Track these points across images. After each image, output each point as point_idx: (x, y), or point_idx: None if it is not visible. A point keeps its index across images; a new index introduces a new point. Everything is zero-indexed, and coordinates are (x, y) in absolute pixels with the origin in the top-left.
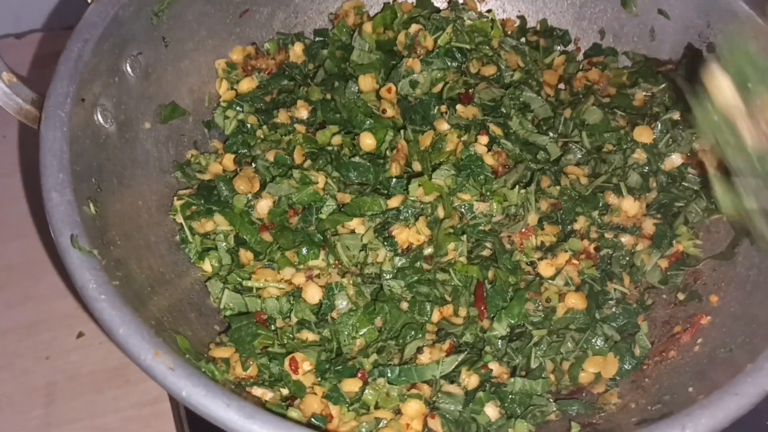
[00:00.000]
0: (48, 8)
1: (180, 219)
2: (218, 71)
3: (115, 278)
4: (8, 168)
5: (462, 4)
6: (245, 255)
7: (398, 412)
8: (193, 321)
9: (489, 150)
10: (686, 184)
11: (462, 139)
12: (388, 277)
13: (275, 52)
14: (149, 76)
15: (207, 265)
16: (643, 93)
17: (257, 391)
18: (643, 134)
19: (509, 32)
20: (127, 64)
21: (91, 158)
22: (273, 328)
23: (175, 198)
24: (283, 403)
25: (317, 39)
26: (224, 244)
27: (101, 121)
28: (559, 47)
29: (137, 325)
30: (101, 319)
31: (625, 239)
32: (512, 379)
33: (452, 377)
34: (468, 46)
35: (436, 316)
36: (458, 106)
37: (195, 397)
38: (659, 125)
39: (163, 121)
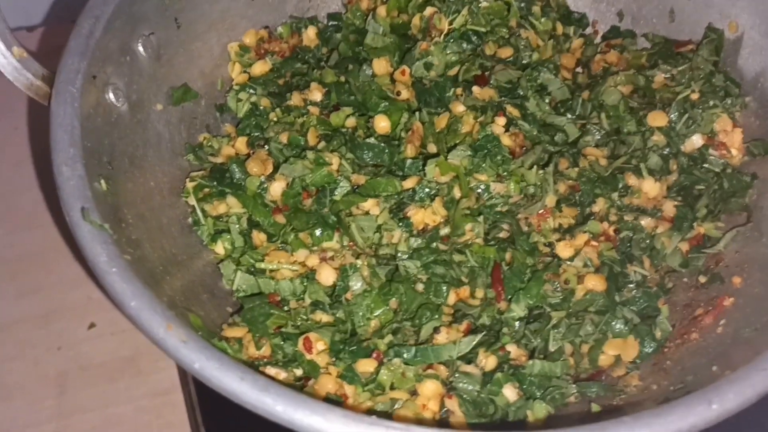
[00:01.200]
0: (55, 2)
1: (192, 201)
2: (231, 54)
3: (127, 254)
4: (20, 158)
5: None
6: (258, 237)
7: (414, 392)
8: (205, 302)
9: (506, 131)
10: (707, 166)
11: (478, 120)
12: (404, 257)
13: (288, 35)
14: (161, 57)
15: (219, 248)
16: (663, 75)
17: (271, 371)
18: (657, 118)
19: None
20: (139, 44)
21: (102, 136)
22: (286, 309)
23: (188, 180)
24: (297, 383)
25: (330, 23)
26: (237, 226)
27: (113, 100)
28: (578, 31)
29: (149, 298)
30: (112, 293)
31: (645, 222)
32: (531, 362)
33: (469, 358)
34: (483, 29)
35: (452, 298)
36: (474, 88)
37: (208, 370)
38: (674, 106)
39: (174, 103)
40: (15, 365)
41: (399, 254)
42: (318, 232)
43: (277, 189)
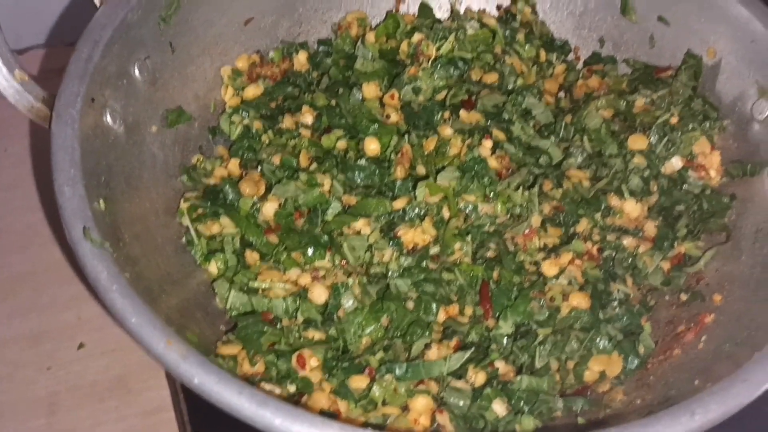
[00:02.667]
0: (48, 25)
1: (186, 221)
2: (224, 78)
3: (126, 271)
4: (11, 181)
5: (463, 14)
6: (251, 256)
7: (406, 408)
8: (199, 320)
9: (493, 154)
10: (687, 187)
11: (466, 143)
12: (394, 276)
13: (280, 60)
14: (156, 80)
15: (213, 267)
16: (643, 99)
17: (265, 387)
18: (638, 142)
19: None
20: (136, 68)
21: (100, 157)
22: (279, 326)
23: (182, 200)
24: (291, 399)
25: (321, 48)
26: (230, 245)
27: (110, 122)
28: (560, 57)
29: (149, 314)
30: (113, 309)
31: (627, 241)
32: (519, 377)
33: (459, 374)
34: (470, 56)
35: (442, 315)
36: (461, 112)
37: (207, 385)
38: (654, 130)
39: (169, 125)
40: (5, 385)
41: (390, 273)
42: (310, 251)
43: (269, 209)
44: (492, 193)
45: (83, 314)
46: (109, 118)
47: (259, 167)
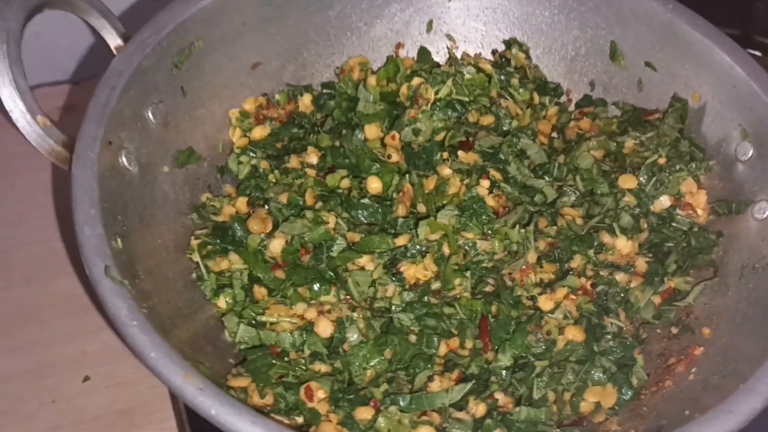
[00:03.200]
0: (57, 63)
1: (197, 258)
2: (232, 120)
3: (143, 307)
4: (17, 216)
5: (461, 59)
6: (259, 291)
7: None
8: (209, 354)
9: (490, 193)
10: (676, 225)
11: (464, 182)
12: (397, 310)
13: (285, 102)
14: (168, 123)
15: (222, 302)
16: (633, 141)
17: (275, 419)
18: (628, 181)
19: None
20: (149, 111)
21: (117, 197)
22: (287, 359)
23: (192, 238)
24: (300, 430)
25: (325, 91)
26: (239, 281)
27: (125, 163)
28: (553, 100)
29: (166, 349)
30: (133, 344)
31: (620, 277)
32: (517, 408)
33: (461, 405)
34: (467, 99)
35: (443, 349)
36: (459, 153)
37: (223, 416)
38: (643, 170)
39: (180, 165)
40: (7, 420)
41: (393, 307)
42: (316, 286)
43: (276, 246)
44: (490, 230)
45: (88, 348)
46: (124, 159)
47: (267, 205)
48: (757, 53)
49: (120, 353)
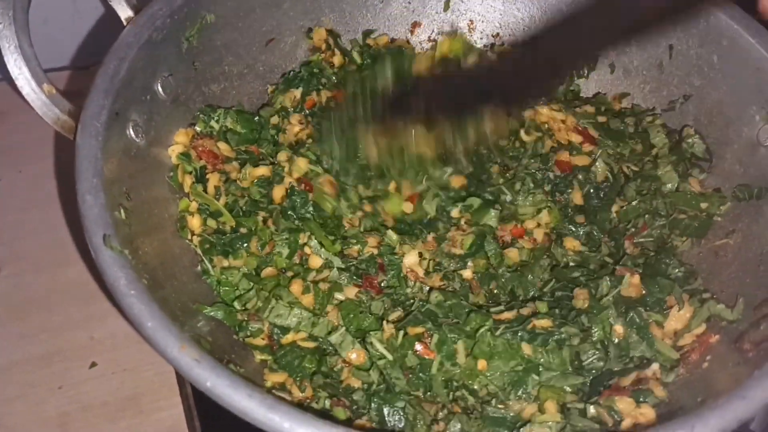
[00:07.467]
0: (69, 48)
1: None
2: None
3: (143, 278)
4: (25, 203)
5: None
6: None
7: None
8: (213, 329)
9: None
10: None
11: None
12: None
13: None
14: (178, 97)
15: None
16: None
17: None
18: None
19: None
20: (159, 85)
21: (122, 169)
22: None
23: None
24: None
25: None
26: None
27: (133, 135)
28: None
29: (164, 319)
30: (130, 314)
31: None
32: None
33: None
34: None
35: None
36: None
37: (219, 388)
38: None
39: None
40: (17, 406)
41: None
42: None
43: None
44: None
45: (96, 334)
46: (131, 132)
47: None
48: None
49: (127, 340)
